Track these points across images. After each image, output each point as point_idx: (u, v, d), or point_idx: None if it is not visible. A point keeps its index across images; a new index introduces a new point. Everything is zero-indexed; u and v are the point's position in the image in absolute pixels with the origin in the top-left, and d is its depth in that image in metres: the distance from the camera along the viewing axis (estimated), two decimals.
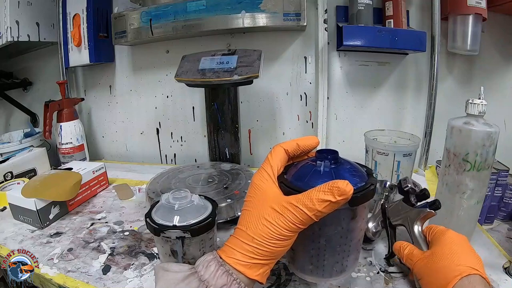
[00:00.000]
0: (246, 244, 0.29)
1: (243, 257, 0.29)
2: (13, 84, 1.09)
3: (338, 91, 0.82)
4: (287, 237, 0.29)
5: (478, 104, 0.38)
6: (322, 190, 0.27)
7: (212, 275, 0.28)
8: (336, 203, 0.27)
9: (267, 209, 0.29)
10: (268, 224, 0.29)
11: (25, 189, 0.55)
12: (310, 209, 0.27)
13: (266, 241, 0.28)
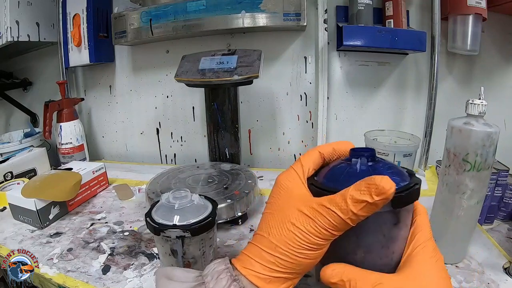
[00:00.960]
0: (268, 253, 0.25)
1: (263, 269, 0.25)
2: (13, 84, 1.09)
3: (338, 91, 0.82)
4: (317, 246, 0.24)
5: (478, 104, 0.38)
6: (357, 189, 0.23)
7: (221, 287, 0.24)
8: (374, 205, 0.22)
9: (294, 212, 0.25)
10: (295, 230, 0.24)
11: (25, 189, 0.55)
12: (344, 211, 0.23)
13: (293, 250, 0.24)
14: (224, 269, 0.25)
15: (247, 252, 0.27)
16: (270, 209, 0.28)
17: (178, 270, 0.27)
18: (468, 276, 0.41)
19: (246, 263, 0.26)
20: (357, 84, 0.82)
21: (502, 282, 0.39)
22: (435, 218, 0.45)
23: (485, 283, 0.39)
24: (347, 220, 0.23)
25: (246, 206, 0.54)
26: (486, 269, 0.42)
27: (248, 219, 0.56)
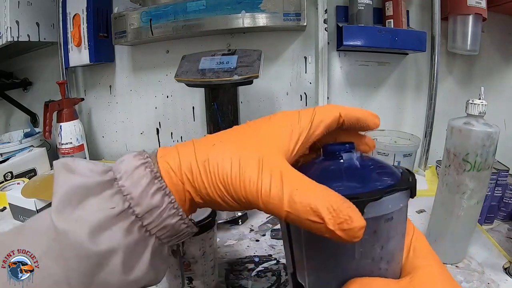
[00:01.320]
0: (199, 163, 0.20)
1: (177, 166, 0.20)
2: (13, 84, 1.09)
3: (338, 91, 0.82)
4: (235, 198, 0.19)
5: (478, 105, 0.38)
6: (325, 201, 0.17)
7: (139, 190, 0.19)
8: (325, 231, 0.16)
9: (259, 149, 0.20)
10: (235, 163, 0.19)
11: (25, 189, 0.55)
12: (289, 203, 0.17)
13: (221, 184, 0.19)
14: (142, 162, 0.20)
15: (179, 144, 0.22)
16: (251, 123, 0.22)
17: (81, 162, 0.21)
18: (468, 276, 0.41)
19: (167, 153, 0.21)
20: (357, 84, 0.82)
21: (502, 282, 0.39)
22: (435, 218, 0.45)
23: (485, 283, 0.39)
24: (284, 212, 0.17)
25: None
26: (486, 269, 0.42)
27: (248, 219, 0.56)
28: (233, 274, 0.42)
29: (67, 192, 0.19)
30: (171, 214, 0.20)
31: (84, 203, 0.19)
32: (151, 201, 0.19)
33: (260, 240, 0.50)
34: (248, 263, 0.44)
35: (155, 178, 0.19)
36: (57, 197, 0.19)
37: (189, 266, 0.36)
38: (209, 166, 0.20)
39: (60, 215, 0.18)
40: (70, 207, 0.19)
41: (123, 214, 0.19)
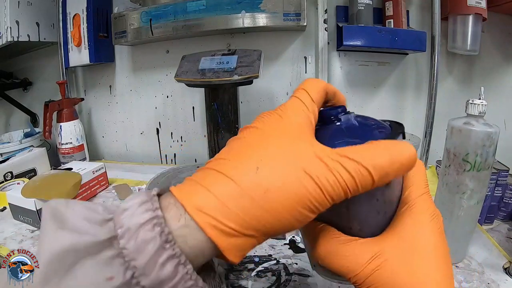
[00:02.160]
0: (243, 198, 0.16)
1: (226, 215, 0.16)
2: (13, 84, 1.09)
3: None
4: (320, 207, 0.17)
5: (478, 105, 0.38)
6: (386, 158, 0.17)
7: (146, 259, 0.15)
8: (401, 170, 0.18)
9: (309, 156, 0.17)
10: (307, 181, 0.16)
11: (25, 189, 0.55)
12: (377, 168, 0.17)
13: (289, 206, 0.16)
14: (149, 218, 0.15)
15: (204, 182, 0.17)
16: (261, 126, 0.19)
17: (76, 207, 0.16)
18: (468, 276, 0.41)
19: (201, 199, 0.16)
20: (357, 84, 0.82)
21: (502, 282, 0.39)
22: None
23: (485, 283, 0.39)
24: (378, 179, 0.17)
25: None
26: (486, 269, 0.42)
27: None
28: (233, 274, 0.42)
29: (53, 259, 0.15)
30: (187, 287, 0.16)
31: (74, 270, 0.15)
32: (160, 272, 0.15)
33: None
34: (248, 263, 0.44)
35: (166, 242, 0.15)
36: (42, 264, 0.15)
37: None
38: (273, 198, 0.16)
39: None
40: (56, 278, 0.15)
41: (125, 286, 0.15)
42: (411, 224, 0.19)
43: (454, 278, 0.40)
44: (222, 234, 0.16)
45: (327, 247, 0.19)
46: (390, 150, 0.17)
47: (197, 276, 0.16)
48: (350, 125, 0.22)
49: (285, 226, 0.17)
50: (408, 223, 0.19)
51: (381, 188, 0.20)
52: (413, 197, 0.20)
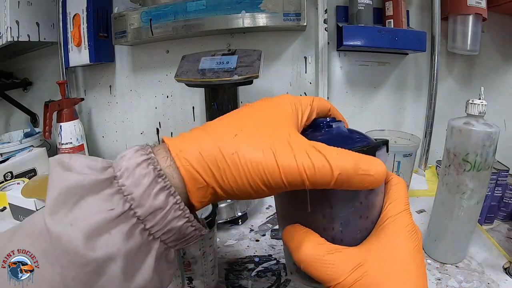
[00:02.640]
0: (215, 154, 0.19)
1: (199, 162, 0.19)
2: (13, 84, 1.09)
3: (338, 91, 0.82)
4: (273, 184, 0.19)
5: (478, 105, 0.38)
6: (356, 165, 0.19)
7: (141, 191, 0.18)
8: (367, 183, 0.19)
9: (280, 136, 0.20)
10: (268, 154, 0.19)
11: (25, 189, 0.55)
12: (339, 168, 0.18)
13: (248, 171, 0.19)
14: (144, 159, 0.18)
15: (189, 135, 0.21)
16: (257, 106, 0.22)
17: (79, 158, 0.19)
18: (468, 276, 0.41)
19: (186, 151, 0.19)
20: (357, 84, 0.82)
21: (502, 282, 0.39)
22: (435, 218, 0.45)
23: (485, 283, 0.39)
24: (335, 175, 0.18)
25: (246, 206, 0.54)
26: (486, 269, 0.42)
27: (248, 219, 0.56)
28: (233, 274, 0.42)
29: (61, 192, 0.17)
30: (177, 216, 0.18)
31: (80, 204, 0.17)
32: (154, 202, 0.18)
33: (260, 240, 0.50)
34: (248, 263, 0.44)
35: (159, 176, 0.18)
36: (50, 198, 0.17)
37: (189, 266, 0.36)
38: (239, 160, 0.19)
39: (54, 218, 0.17)
40: (64, 209, 0.17)
41: (123, 217, 0.17)
42: (392, 239, 0.20)
43: (455, 278, 0.40)
44: (192, 177, 0.19)
45: (312, 253, 0.20)
46: (359, 159, 0.19)
47: (184, 207, 0.19)
48: (335, 133, 0.24)
49: (241, 190, 0.19)
50: (389, 237, 0.20)
51: (365, 192, 0.21)
52: (395, 212, 0.21)
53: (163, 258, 0.20)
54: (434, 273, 0.42)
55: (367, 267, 0.19)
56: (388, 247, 0.20)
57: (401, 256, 0.19)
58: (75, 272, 0.16)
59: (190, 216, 0.19)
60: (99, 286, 0.17)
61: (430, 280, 0.40)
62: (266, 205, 0.62)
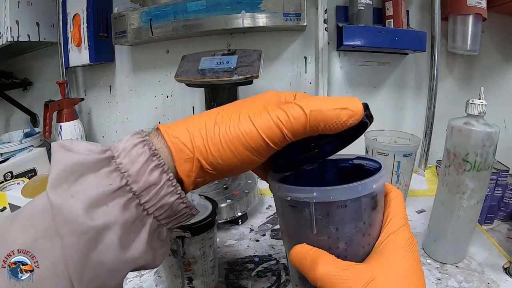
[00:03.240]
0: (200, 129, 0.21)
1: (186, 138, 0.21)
2: (13, 84, 1.09)
3: (338, 91, 0.82)
4: (254, 146, 0.20)
5: (478, 105, 0.38)
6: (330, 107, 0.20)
7: (137, 168, 0.19)
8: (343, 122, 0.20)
9: (258, 108, 0.22)
10: (246, 121, 0.21)
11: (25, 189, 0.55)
12: (312, 108, 0.20)
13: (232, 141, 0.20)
14: (140, 141, 0.20)
15: (181, 120, 0.23)
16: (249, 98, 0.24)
17: (80, 142, 0.21)
18: (468, 276, 0.41)
19: (174, 129, 0.21)
20: (357, 84, 0.82)
21: (502, 282, 0.39)
22: (435, 218, 0.45)
23: (485, 283, 0.39)
24: (309, 117, 0.20)
25: (246, 206, 0.54)
26: (486, 269, 0.42)
27: (248, 219, 0.56)
28: (233, 274, 0.42)
29: (64, 169, 0.19)
30: (169, 192, 0.20)
31: (81, 180, 0.18)
32: (148, 178, 0.19)
33: (260, 240, 0.50)
34: (248, 263, 0.44)
35: (153, 155, 0.20)
36: (53, 174, 0.19)
37: (189, 266, 0.36)
38: (219, 129, 0.20)
39: (56, 191, 0.18)
40: (66, 184, 0.18)
41: (120, 191, 0.19)
42: (396, 254, 0.22)
43: (455, 278, 0.40)
44: (178, 149, 0.20)
45: (328, 271, 0.21)
46: (332, 99, 0.21)
47: (176, 183, 0.20)
48: None
49: (225, 160, 0.21)
50: (393, 252, 0.22)
51: (368, 212, 0.23)
52: (397, 227, 0.23)
53: (156, 235, 0.21)
54: (434, 273, 0.42)
55: (377, 281, 0.20)
56: (393, 261, 0.21)
57: (405, 269, 0.21)
58: (74, 239, 0.17)
59: (181, 193, 0.20)
60: (97, 253, 0.18)
61: (430, 280, 0.40)
62: (266, 205, 0.62)
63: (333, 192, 0.21)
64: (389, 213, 0.23)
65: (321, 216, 0.22)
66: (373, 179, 0.22)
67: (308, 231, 0.23)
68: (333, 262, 0.21)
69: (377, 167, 0.25)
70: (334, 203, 0.21)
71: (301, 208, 0.22)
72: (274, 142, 0.20)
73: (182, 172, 0.21)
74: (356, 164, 0.27)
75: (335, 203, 0.21)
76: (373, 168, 0.26)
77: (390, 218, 0.23)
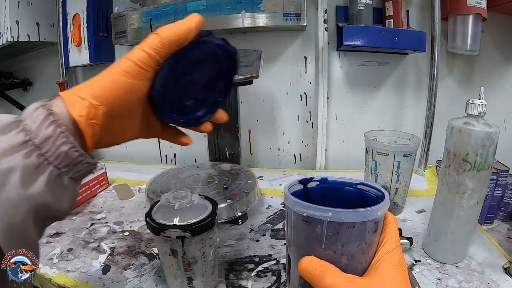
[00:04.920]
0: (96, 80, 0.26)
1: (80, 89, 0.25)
2: (13, 84, 1.09)
3: (338, 91, 0.82)
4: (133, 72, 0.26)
5: (478, 105, 0.38)
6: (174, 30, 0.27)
7: (37, 125, 0.23)
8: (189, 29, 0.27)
9: None
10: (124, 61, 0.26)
11: None
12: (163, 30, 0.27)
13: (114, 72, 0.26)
14: (41, 105, 0.24)
15: None
16: None
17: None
18: (468, 276, 0.41)
19: (71, 90, 0.26)
20: (357, 84, 0.82)
21: (502, 282, 0.39)
22: (435, 218, 0.45)
23: (485, 283, 0.39)
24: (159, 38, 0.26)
25: (246, 206, 0.54)
26: (486, 269, 0.42)
27: (248, 219, 0.56)
28: (233, 274, 0.42)
29: None
30: (63, 142, 0.23)
31: None
32: (45, 131, 0.23)
33: (260, 240, 0.50)
34: (248, 263, 0.44)
35: (50, 114, 0.23)
36: None
37: (189, 266, 0.36)
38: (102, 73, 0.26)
39: None
40: None
41: (24, 144, 0.22)
42: (389, 271, 0.25)
43: (455, 278, 0.40)
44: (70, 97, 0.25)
45: (336, 282, 0.24)
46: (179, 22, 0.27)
47: (69, 135, 0.24)
48: None
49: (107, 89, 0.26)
50: (388, 270, 0.25)
51: (371, 234, 0.26)
52: (391, 248, 0.26)
53: (57, 181, 0.24)
54: (434, 273, 0.42)
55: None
56: (388, 277, 0.25)
57: (396, 284, 0.25)
58: None
59: (74, 143, 0.24)
60: (5, 193, 0.21)
61: (430, 280, 0.40)
62: (266, 205, 0.62)
63: (345, 214, 0.24)
64: (385, 235, 0.27)
65: (331, 233, 0.25)
66: (379, 207, 0.25)
67: (317, 245, 0.26)
68: (339, 274, 0.24)
69: (380, 195, 0.28)
70: (345, 224, 0.24)
71: (314, 224, 0.25)
72: (140, 61, 0.26)
73: (74, 112, 0.24)
74: (359, 189, 0.31)
75: (346, 223, 0.24)
76: (374, 195, 0.29)
77: (386, 240, 0.27)
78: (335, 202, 0.28)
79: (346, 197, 0.31)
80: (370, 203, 0.26)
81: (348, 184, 0.31)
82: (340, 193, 0.31)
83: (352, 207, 0.25)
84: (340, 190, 0.32)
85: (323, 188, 0.32)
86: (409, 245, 0.46)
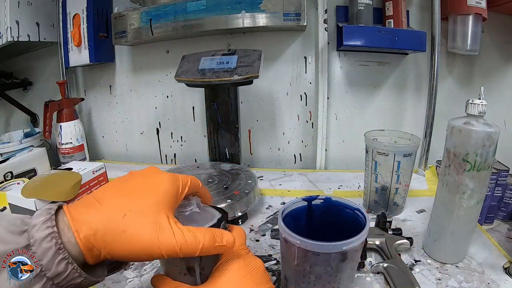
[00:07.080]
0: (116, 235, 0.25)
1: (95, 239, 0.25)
2: (13, 84, 1.09)
3: (338, 91, 0.82)
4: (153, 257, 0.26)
5: (478, 104, 0.38)
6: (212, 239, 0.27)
7: (47, 260, 0.23)
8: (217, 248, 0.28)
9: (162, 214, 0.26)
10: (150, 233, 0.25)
11: (25, 189, 0.55)
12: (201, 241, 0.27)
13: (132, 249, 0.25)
14: (49, 233, 0.23)
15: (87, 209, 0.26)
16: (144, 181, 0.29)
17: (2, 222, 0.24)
18: (468, 276, 0.41)
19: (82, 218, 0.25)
20: (357, 84, 0.82)
21: (502, 282, 0.39)
22: (435, 218, 0.45)
23: (485, 283, 0.39)
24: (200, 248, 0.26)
25: (246, 206, 0.54)
26: (486, 269, 0.42)
27: (248, 219, 0.56)
28: None
29: None
30: (76, 276, 0.24)
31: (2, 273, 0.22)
32: (57, 268, 0.23)
33: (260, 240, 0.50)
34: None
35: (59, 249, 0.23)
36: None
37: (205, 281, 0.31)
38: (127, 239, 0.25)
39: None
40: None
41: (38, 277, 0.23)
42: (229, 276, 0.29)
43: (455, 278, 0.40)
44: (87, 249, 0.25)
45: None
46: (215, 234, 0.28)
47: (81, 270, 0.24)
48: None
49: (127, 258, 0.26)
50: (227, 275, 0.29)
51: (336, 262, 0.31)
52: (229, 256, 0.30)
53: None
54: (434, 273, 0.42)
55: None
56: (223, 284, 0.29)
57: None
58: None
59: (86, 276, 0.25)
60: None
61: (430, 280, 0.40)
62: (266, 205, 0.62)
63: (310, 245, 0.30)
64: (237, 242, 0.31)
65: (300, 256, 0.31)
66: (344, 242, 0.29)
67: (292, 260, 0.32)
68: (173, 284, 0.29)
69: (362, 226, 0.32)
70: (310, 251, 0.30)
71: (290, 244, 0.31)
72: (169, 256, 0.26)
73: (90, 260, 0.25)
74: (356, 214, 0.35)
75: (311, 251, 0.30)
76: (362, 223, 0.33)
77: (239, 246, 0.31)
78: (337, 218, 0.36)
79: (346, 216, 0.36)
80: (359, 228, 0.31)
81: (348, 207, 0.36)
82: (342, 212, 0.36)
83: (350, 226, 0.32)
84: (342, 210, 0.36)
85: (327, 206, 0.37)
86: (409, 245, 0.46)
